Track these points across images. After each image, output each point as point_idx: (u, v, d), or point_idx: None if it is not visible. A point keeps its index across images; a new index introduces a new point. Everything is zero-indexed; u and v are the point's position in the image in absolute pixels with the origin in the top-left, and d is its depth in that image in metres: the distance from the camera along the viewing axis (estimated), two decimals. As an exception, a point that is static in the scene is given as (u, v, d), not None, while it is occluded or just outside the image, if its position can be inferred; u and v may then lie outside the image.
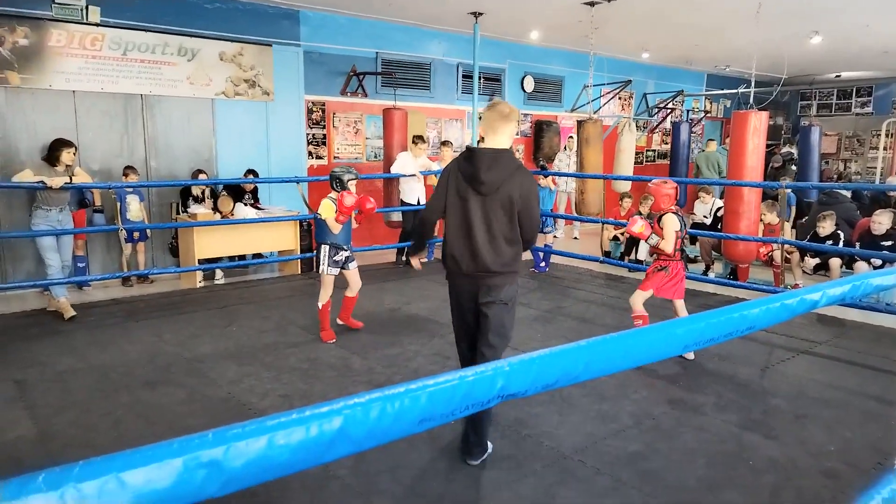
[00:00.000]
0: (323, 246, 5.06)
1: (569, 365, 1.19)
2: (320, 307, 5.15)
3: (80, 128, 6.88)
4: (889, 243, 6.34)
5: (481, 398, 1.07)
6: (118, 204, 6.56)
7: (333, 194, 4.93)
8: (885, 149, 12.57)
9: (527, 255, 8.37)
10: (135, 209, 6.91)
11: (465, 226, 3.11)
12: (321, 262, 5.08)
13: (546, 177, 8.10)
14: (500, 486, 3.00)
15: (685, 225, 4.78)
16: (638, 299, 4.80)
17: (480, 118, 3.33)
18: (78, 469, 0.72)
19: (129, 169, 6.83)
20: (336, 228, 4.93)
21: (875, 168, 13.10)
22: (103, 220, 6.90)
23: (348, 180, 4.92)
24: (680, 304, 4.78)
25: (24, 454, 3.30)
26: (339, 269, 5.12)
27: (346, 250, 5.10)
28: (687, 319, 1.41)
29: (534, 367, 1.14)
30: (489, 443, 3.29)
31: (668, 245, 4.64)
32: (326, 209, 4.89)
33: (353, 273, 5.22)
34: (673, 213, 4.70)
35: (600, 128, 8.41)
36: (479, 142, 3.31)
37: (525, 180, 3.10)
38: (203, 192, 7.43)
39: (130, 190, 6.82)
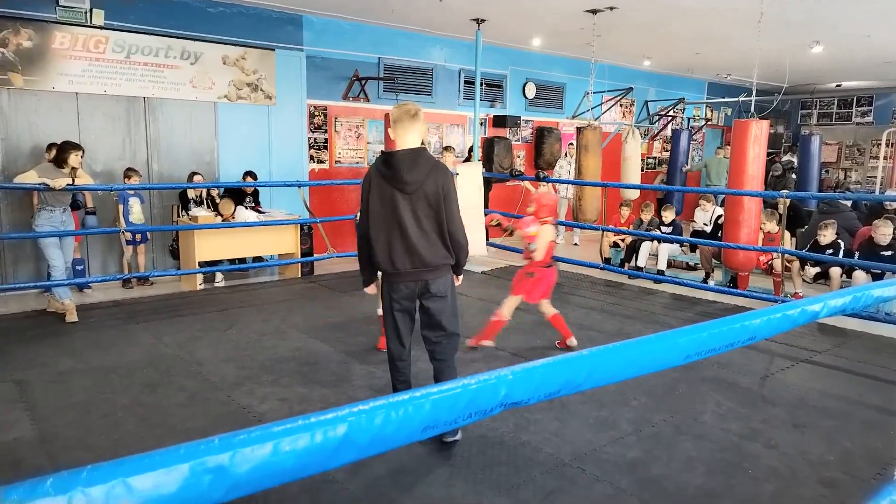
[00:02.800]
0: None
1: (571, 374, 1.20)
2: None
3: (83, 130, 6.90)
4: (889, 253, 6.35)
5: (484, 406, 1.07)
6: (120, 206, 6.56)
7: None
8: (885, 158, 12.59)
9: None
10: (136, 211, 6.92)
11: (397, 226, 3.20)
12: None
13: (546, 183, 8.11)
14: (500, 493, 3.00)
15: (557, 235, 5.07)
16: (511, 304, 4.96)
17: (387, 120, 3.39)
18: (86, 473, 0.73)
19: (130, 171, 6.84)
20: None
21: (875, 178, 13.13)
22: (96, 222, 6.91)
23: None
24: (545, 303, 5.00)
25: (23, 455, 3.30)
26: None
27: None
28: (689, 329, 1.42)
29: (536, 376, 1.14)
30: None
31: (540, 254, 4.82)
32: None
33: None
34: (551, 223, 4.92)
35: (599, 135, 8.43)
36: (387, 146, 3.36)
37: (444, 175, 3.26)
38: (200, 195, 7.43)
39: (132, 192, 6.83)
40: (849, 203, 8.41)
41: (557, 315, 5.08)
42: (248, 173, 7.69)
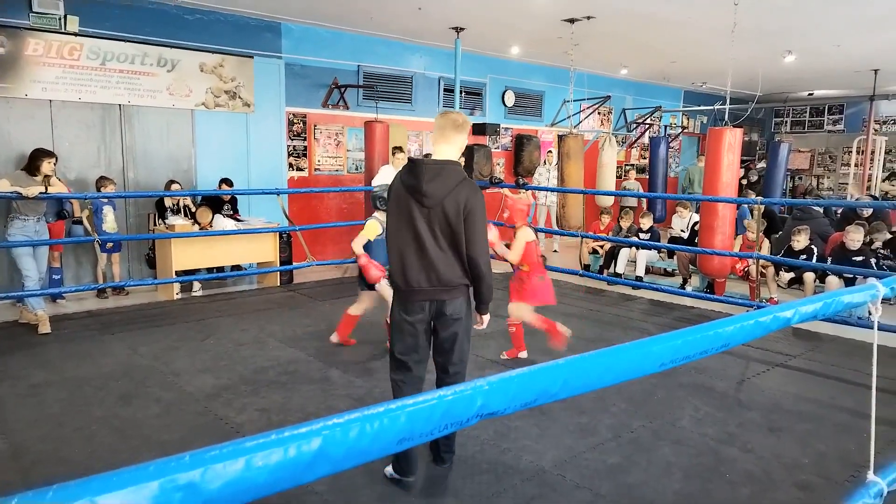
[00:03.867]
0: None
1: (547, 383, 1.20)
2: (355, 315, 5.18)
3: (57, 138, 6.79)
4: (860, 258, 6.48)
5: (460, 417, 1.08)
6: (92, 215, 6.47)
7: (378, 214, 4.74)
8: (856, 165, 12.87)
9: (506, 267, 8.41)
10: (110, 220, 6.82)
11: (413, 240, 2.95)
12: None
13: (526, 190, 8.15)
14: (480, 501, 2.99)
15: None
16: (524, 313, 4.98)
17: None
18: (51, 493, 0.72)
19: (104, 179, 6.72)
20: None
21: (846, 184, 13.41)
22: (83, 232, 6.80)
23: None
24: (519, 307, 4.98)
25: (-7, 471, 3.22)
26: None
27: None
28: (663, 337, 1.43)
29: (513, 386, 1.15)
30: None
31: (514, 255, 4.85)
32: (372, 230, 4.74)
33: (384, 291, 5.04)
34: (527, 226, 4.98)
35: (581, 142, 8.51)
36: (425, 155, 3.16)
37: (470, 193, 2.94)
38: (177, 203, 7.35)
39: (106, 200, 6.74)
40: (821, 209, 8.57)
41: (520, 326, 5.03)
42: (224, 180, 7.60)
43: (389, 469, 3.14)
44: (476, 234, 2.95)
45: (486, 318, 3.28)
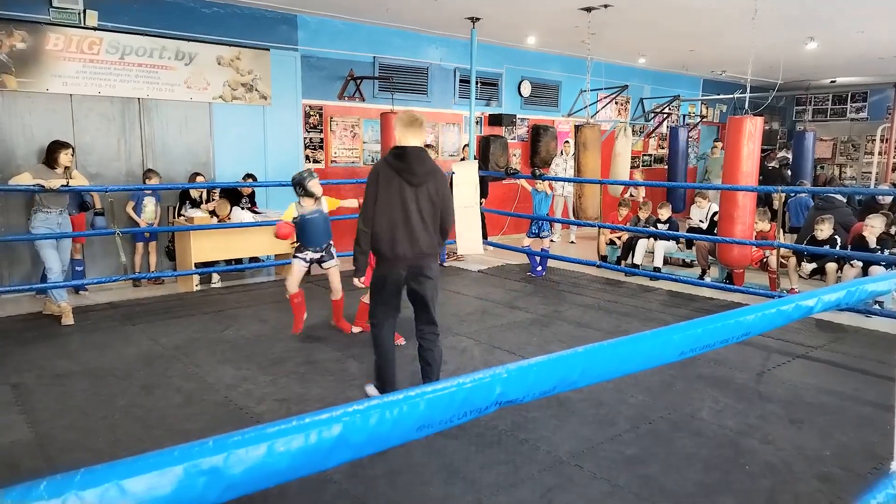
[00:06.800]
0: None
1: (566, 371, 1.20)
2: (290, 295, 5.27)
3: (78, 131, 6.87)
4: (879, 248, 6.36)
5: (479, 405, 1.08)
6: (132, 204, 6.86)
7: (301, 199, 5.14)
8: (879, 154, 12.64)
9: (523, 259, 8.41)
10: (150, 211, 7.04)
11: (401, 215, 3.56)
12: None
13: (543, 181, 8.11)
14: (498, 491, 3.00)
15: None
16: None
17: (386, 120, 4.13)
18: (79, 477, 0.73)
19: (150, 172, 7.00)
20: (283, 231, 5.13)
21: (870, 173, 13.17)
22: (104, 223, 6.90)
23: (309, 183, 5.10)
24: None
25: (20, 458, 3.29)
26: (306, 264, 5.21)
27: (312, 251, 5.20)
28: (683, 326, 1.42)
29: (531, 374, 1.15)
30: None
31: None
32: (289, 213, 5.17)
33: (330, 273, 5.34)
34: None
35: (598, 133, 8.44)
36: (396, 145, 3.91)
37: (442, 176, 3.74)
38: (201, 196, 7.44)
39: (149, 192, 6.98)
40: (844, 199, 8.44)
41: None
42: (249, 175, 7.69)
43: (371, 388, 3.90)
44: (449, 209, 3.76)
45: None
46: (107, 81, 6.92)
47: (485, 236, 8.75)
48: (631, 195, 9.89)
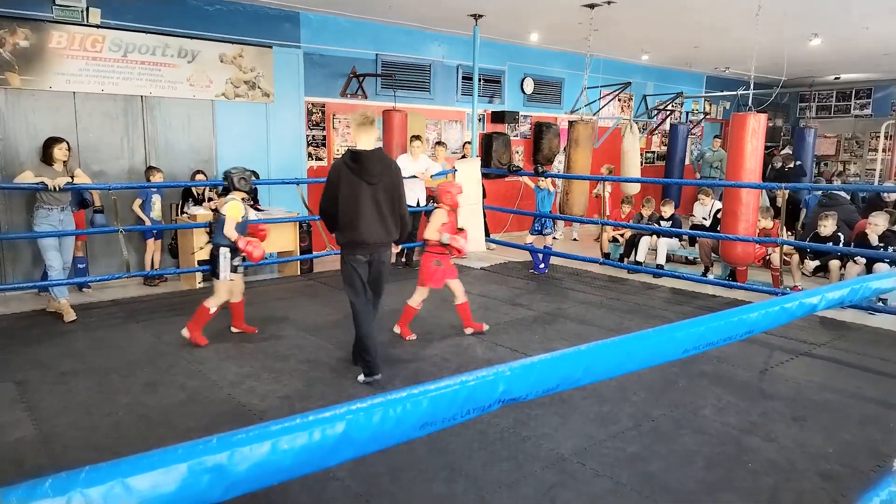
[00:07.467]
0: (223, 248, 4.90)
1: (569, 369, 1.20)
2: (211, 312, 4.98)
3: (81, 129, 6.88)
4: (882, 245, 6.34)
5: (482, 402, 1.08)
6: (139, 201, 6.89)
7: (235, 194, 4.99)
8: (884, 151, 12.59)
9: (526, 256, 8.40)
10: (157, 209, 7.09)
11: (360, 210, 4.04)
12: (222, 269, 4.88)
13: (545, 178, 8.10)
14: (500, 488, 3.01)
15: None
16: (418, 297, 5.22)
17: (351, 125, 4.76)
18: (84, 474, 0.73)
19: (153, 169, 6.99)
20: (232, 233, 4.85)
21: (874, 170, 13.13)
22: (104, 220, 6.91)
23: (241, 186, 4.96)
24: (455, 283, 5.27)
25: (25, 456, 3.31)
26: (237, 275, 5.05)
27: (242, 257, 5.07)
28: (687, 323, 1.42)
29: (534, 372, 1.15)
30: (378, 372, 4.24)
31: (429, 233, 5.06)
32: (235, 210, 4.87)
33: (239, 277, 5.20)
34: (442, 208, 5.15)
35: (591, 129, 8.39)
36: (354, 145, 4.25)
37: (397, 170, 4.23)
38: (203, 193, 7.44)
39: (155, 190, 7.00)
40: (848, 196, 8.42)
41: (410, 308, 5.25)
42: (252, 172, 7.67)
43: (362, 377, 4.27)
44: (403, 198, 4.26)
45: (399, 246, 4.65)
46: (110, 79, 6.92)
47: (486, 234, 8.75)
48: (597, 194, 9.78)
